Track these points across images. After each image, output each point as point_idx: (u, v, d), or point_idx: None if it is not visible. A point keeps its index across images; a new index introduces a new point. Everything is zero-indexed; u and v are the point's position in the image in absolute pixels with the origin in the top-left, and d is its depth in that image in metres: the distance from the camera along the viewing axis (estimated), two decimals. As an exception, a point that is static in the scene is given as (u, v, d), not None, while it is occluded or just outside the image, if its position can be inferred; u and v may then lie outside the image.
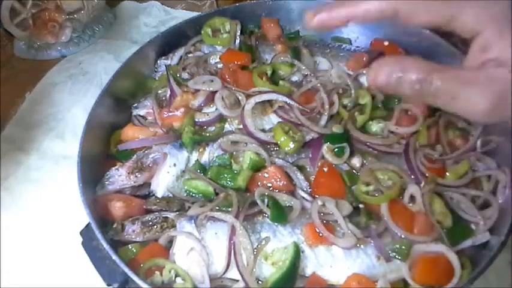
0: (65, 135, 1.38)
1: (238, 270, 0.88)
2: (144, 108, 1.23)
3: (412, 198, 0.98)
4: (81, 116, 1.31)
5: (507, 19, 0.71)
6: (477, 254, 0.95)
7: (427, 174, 1.01)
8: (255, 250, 0.90)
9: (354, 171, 1.04)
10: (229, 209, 0.94)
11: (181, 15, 1.72)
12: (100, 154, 1.14)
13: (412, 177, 1.01)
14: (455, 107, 0.71)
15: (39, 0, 1.59)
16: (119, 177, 1.06)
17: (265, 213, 0.95)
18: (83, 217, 0.96)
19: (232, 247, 0.89)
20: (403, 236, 0.92)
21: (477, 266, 0.90)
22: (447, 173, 1.03)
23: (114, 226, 0.99)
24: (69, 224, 1.10)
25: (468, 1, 0.73)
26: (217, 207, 0.95)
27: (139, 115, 1.23)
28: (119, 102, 1.23)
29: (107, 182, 1.05)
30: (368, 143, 1.07)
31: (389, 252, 0.92)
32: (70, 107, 1.45)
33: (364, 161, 1.05)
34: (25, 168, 1.31)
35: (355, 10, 0.77)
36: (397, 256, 0.91)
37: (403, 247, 0.91)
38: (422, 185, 0.99)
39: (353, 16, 0.77)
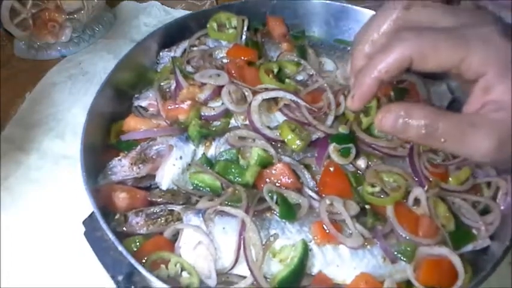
0: (65, 135, 1.36)
1: (248, 265, 0.87)
2: (146, 100, 1.20)
3: (417, 201, 0.99)
4: (81, 116, 1.27)
5: (510, 63, 0.74)
6: (477, 258, 0.97)
7: (430, 179, 1.03)
8: (264, 246, 0.90)
9: (359, 172, 1.04)
10: (238, 204, 0.93)
11: (181, 15, 1.69)
12: (100, 144, 1.12)
13: (416, 180, 1.03)
14: (461, 150, 0.75)
15: (39, 0, 1.56)
16: (122, 168, 1.03)
17: (274, 210, 0.94)
18: (83, 217, 0.94)
19: (242, 242, 0.88)
20: (408, 238, 0.93)
21: (477, 271, 0.92)
22: (450, 179, 1.05)
23: (116, 217, 0.96)
24: (69, 224, 1.08)
25: (475, 43, 0.75)
26: (226, 202, 0.94)
27: (141, 106, 1.21)
28: (120, 93, 1.21)
29: (109, 172, 1.03)
30: (373, 145, 1.08)
31: (395, 253, 0.93)
32: (70, 107, 1.42)
33: (369, 163, 1.06)
34: (25, 168, 1.28)
35: (379, 75, 0.78)
36: (402, 257, 0.92)
37: (408, 249, 0.92)
38: (426, 188, 1.01)
39: (380, 80, 0.79)
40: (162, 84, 1.21)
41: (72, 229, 1.00)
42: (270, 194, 0.95)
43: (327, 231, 0.92)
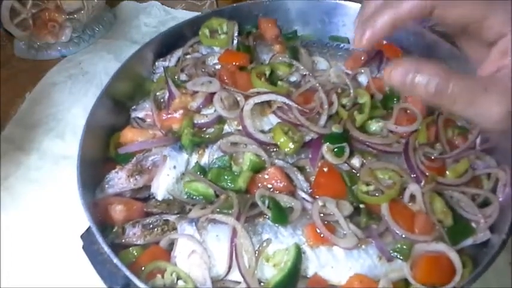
0: (64, 135, 1.38)
1: (240, 272, 0.88)
2: (143, 111, 1.22)
3: (413, 197, 0.98)
4: (81, 116, 1.31)
5: None
6: (478, 252, 0.96)
7: (427, 173, 1.01)
8: (257, 252, 0.90)
9: (353, 171, 1.04)
10: (230, 211, 0.93)
11: (181, 15, 1.72)
12: (99, 157, 1.14)
13: (412, 176, 1.02)
14: (470, 113, 0.72)
15: (39, 0, 1.59)
16: (119, 180, 1.05)
17: (266, 215, 0.95)
18: (83, 218, 0.95)
19: (234, 249, 0.89)
20: (404, 236, 0.92)
21: (478, 265, 0.90)
22: (447, 172, 1.04)
23: (114, 230, 0.98)
24: (69, 225, 1.10)
25: (501, 2, 0.72)
26: (218, 209, 0.95)
27: (138, 117, 1.23)
28: (118, 104, 1.22)
29: (106, 185, 1.05)
30: (368, 143, 1.07)
31: (391, 252, 0.92)
32: (70, 107, 1.45)
33: (364, 161, 1.05)
34: (25, 168, 1.31)
35: (398, 13, 0.74)
36: (398, 256, 0.91)
37: (404, 247, 0.91)
38: (422, 183, 1.00)
39: (397, 20, 0.75)
40: (157, 94, 1.23)
41: (71, 230, 1.01)
42: (262, 199, 0.95)
43: (320, 233, 0.92)
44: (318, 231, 0.92)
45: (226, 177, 1.00)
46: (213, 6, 1.76)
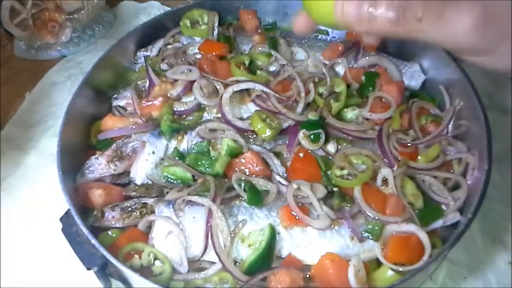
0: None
1: (215, 251, 0.90)
2: (124, 99, 1.24)
3: (385, 181, 1.01)
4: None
5: None
6: (448, 234, 0.98)
7: (399, 158, 1.04)
8: (232, 233, 0.93)
9: (329, 156, 1.06)
10: (207, 194, 0.96)
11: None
12: (81, 144, 1.16)
13: (385, 161, 1.05)
14: (439, 30, 0.65)
15: (39, 0, 1.60)
16: (99, 165, 1.07)
17: (242, 197, 0.97)
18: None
19: (209, 230, 0.91)
20: (375, 217, 0.95)
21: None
22: (419, 157, 1.07)
23: (94, 213, 1.00)
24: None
25: None
26: (194, 192, 0.97)
27: (120, 106, 1.24)
28: (99, 93, 1.24)
29: (87, 171, 1.07)
30: (343, 129, 1.10)
31: (363, 232, 0.95)
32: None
33: (339, 147, 1.08)
34: (24, 167, 1.32)
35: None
36: (370, 236, 0.94)
37: (376, 227, 0.94)
38: (394, 168, 1.03)
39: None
40: (139, 83, 1.25)
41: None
42: (238, 182, 0.98)
43: (294, 214, 0.94)
44: (292, 212, 0.94)
45: (204, 161, 1.02)
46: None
